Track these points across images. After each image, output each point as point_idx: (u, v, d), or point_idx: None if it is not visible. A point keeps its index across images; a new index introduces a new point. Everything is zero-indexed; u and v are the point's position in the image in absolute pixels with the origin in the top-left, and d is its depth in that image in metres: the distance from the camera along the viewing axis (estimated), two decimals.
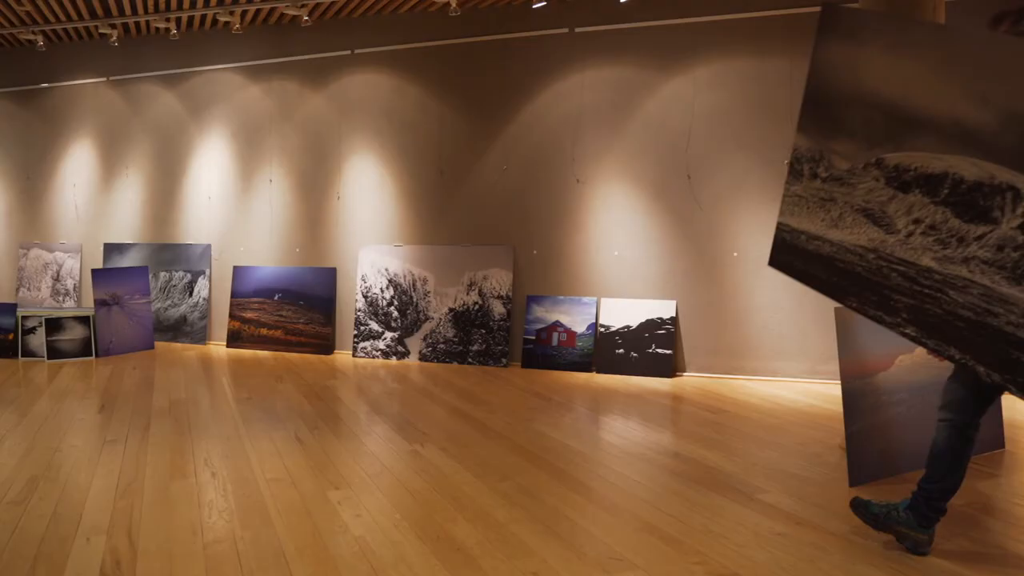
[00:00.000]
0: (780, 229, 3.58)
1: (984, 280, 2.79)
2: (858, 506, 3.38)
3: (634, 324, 7.27)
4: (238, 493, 3.95)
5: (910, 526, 3.21)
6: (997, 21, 3.04)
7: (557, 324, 7.50)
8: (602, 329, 7.38)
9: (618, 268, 7.41)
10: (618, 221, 7.40)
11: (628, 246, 7.37)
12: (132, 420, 5.48)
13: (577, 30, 7.50)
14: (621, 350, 7.27)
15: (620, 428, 5.34)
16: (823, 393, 6.32)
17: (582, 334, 7.43)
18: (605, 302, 7.42)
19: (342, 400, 6.22)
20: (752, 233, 6.95)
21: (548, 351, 7.48)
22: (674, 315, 7.18)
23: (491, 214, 7.78)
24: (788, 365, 6.89)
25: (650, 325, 7.22)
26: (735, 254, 7.01)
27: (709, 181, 7.09)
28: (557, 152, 7.58)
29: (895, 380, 4.35)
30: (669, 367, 7.10)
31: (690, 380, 7.03)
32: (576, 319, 7.47)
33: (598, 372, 7.32)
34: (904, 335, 3.10)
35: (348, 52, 8.39)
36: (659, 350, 7.15)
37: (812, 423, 5.45)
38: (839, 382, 4.21)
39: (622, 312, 7.33)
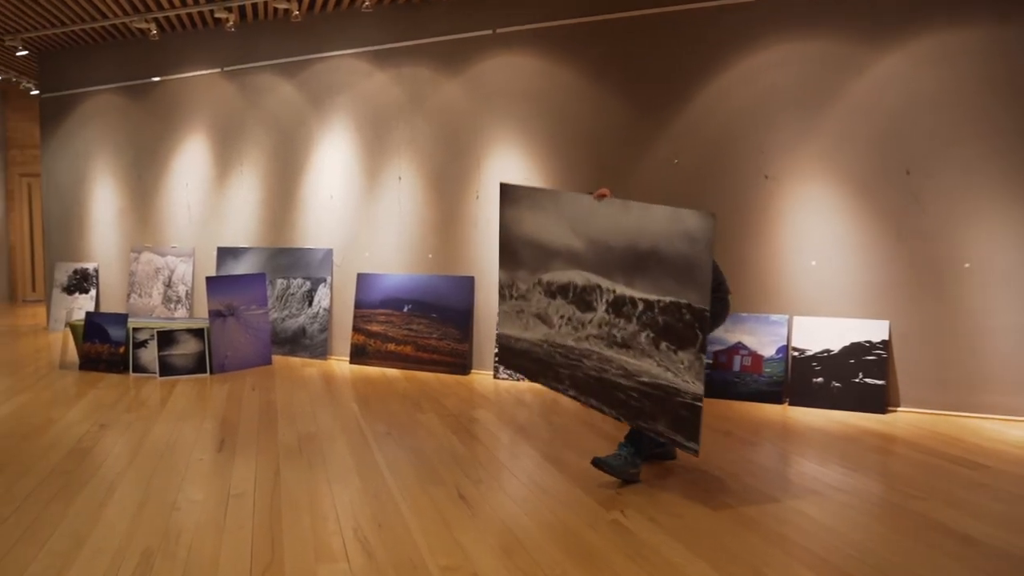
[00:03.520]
0: (499, 337, 5.11)
1: (596, 348, 4.21)
2: (600, 464, 4.16)
3: (836, 348, 6.06)
4: None
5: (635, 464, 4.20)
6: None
7: (739, 346, 6.34)
8: (795, 353, 6.19)
9: (815, 280, 6.21)
10: (816, 224, 6.20)
11: (828, 254, 6.17)
12: (258, 463, 4.59)
13: None
14: (820, 379, 6.06)
15: (862, 488, 4.15)
16: None
17: (770, 358, 6.26)
18: (799, 321, 6.23)
19: (498, 437, 5.20)
20: (988, 239, 5.67)
21: (728, 377, 6.33)
22: (886, 338, 5.94)
23: None
24: None
25: (856, 349, 6.00)
26: (967, 265, 5.74)
27: (933, 176, 5.83)
28: (741, 143, 6.42)
29: None
30: (881, 401, 5.87)
31: (907, 417, 5.79)
32: (763, 340, 6.29)
33: (791, 404, 6.14)
34: (569, 396, 4.54)
35: (489, 32, 7.39)
36: (868, 380, 5.93)
37: None
38: None
39: (820, 333, 6.13)
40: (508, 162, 7.31)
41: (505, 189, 4.98)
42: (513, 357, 5.00)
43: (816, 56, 6.15)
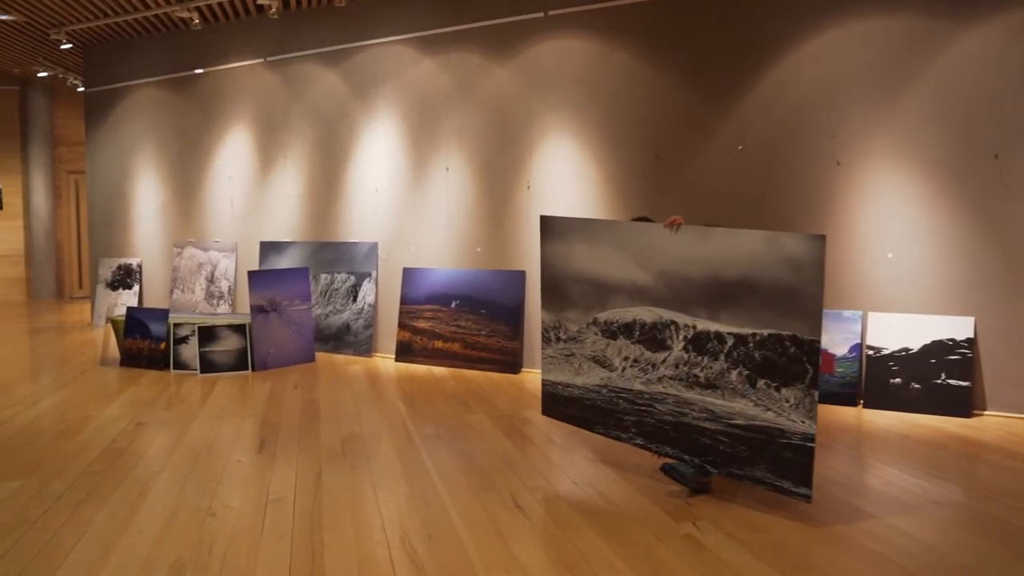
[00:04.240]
0: (544, 385, 4.64)
1: (672, 391, 3.91)
2: (669, 470, 3.87)
3: (915, 346, 5.63)
4: None
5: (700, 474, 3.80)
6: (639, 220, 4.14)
7: None
8: (870, 352, 5.77)
9: (892, 274, 5.78)
10: (893, 214, 5.77)
11: (906, 245, 5.74)
12: (299, 466, 4.31)
13: None
14: (897, 379, 5.64)
15: (959, 500, 3.74)
16: None
17: (843, 357, 5.84)
18: (874, 317, 5.81)
19: (552, 440, 4.87)
20: None
21: None
22: (972, 335, 5.50)
23: (721, 206, 6.26)
24: None
25: (938, 348, 5.57)
26: None
27: None
28: (810, 128, 6.01)
29: None
30: (966, 404, 5.43)
31: (996, 421, 5.34)
32: (835, 338, 5.89)
33: (866, 407, 5.72)
34: (635, 445, 4.14)
35: (540, 14, 7.06)
36: (951, 381, 5.49)
37: None
38: None
39: (898, 330, 5.70)
40: (561, 151, 6.97)
41: (548, 222, 4.50)
42: (560, 406, 4.55)
43: (894, 32, 5.73)
